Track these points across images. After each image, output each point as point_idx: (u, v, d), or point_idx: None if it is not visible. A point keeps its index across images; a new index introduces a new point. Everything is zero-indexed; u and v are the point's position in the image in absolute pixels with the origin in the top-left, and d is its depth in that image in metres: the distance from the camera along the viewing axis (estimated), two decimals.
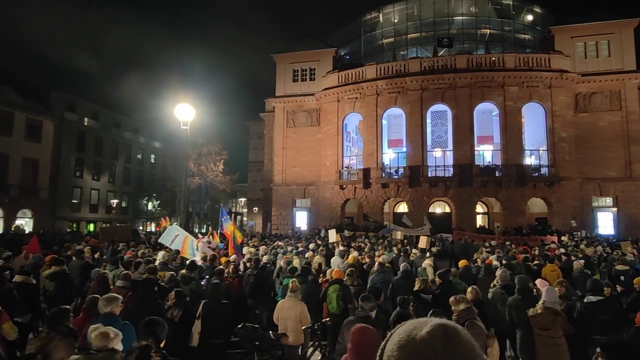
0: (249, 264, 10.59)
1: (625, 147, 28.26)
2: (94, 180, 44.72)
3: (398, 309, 5.67)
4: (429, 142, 30.48)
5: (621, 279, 9.77)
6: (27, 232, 26.42)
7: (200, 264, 9.90)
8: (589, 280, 7.29)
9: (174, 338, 5.58)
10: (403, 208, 31.22)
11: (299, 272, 8.92)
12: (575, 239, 21.89)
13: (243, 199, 67.75)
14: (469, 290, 6.86)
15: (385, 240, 19.91)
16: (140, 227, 44.07)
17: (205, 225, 58.96)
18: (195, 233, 24.14)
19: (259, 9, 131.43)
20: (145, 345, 3.25)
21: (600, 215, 28.90)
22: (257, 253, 12.75)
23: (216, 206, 63.30)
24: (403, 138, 30.72)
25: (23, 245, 14.04)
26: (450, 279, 7.94)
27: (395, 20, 39.05)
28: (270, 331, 6.88)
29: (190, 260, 9.97)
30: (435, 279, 8.13)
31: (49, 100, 39.24)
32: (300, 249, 14.28)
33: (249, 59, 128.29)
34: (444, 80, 29.48)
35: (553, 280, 8.25)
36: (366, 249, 14.96)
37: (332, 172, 31.92)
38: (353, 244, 18.12)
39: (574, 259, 12.89)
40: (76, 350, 3.89)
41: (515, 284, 7.10)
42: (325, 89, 32.86)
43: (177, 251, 11.71)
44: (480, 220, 30.81)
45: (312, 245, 16.00)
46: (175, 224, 14.72)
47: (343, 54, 40.57)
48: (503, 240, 20.97)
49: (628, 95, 28.65)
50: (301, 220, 34.52)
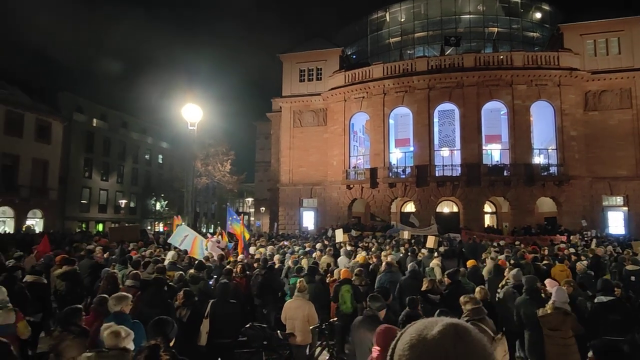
0: (257, 264, 10.61)
1: (636, 146, 27.93)
2: (103, 180, 45.13)
3: (407, 309, 5.64)
4: (436, 142, 30.35)
5: (632, 279, 9.66)
6: (38, 232, 26.72)
7: (207, 263, 9.96)
8: (600, 280, 7.21)
9: (183, 338, 5.60)
10: (410, 208, 31.12)
11: (306, 272, 8.92)
12: (585, 239, 21.67)
13: (250, 199, 67.92)
14: (477, 290, 6.82)
15: (393, 240, 19.87)
16: (149, 227, 44.37)
17: (213, 225, 59.23)
18: (204, 233, 24.26)
19: (266, 8, 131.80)
20: (154, 345, 3.27)
21: (611, 214, 28.60)
22: (267, 253, 12.80)
23: (223, 206, 63.58)
24: (410, 137, 30.61)
25: (34, 245, 14.22)
26: (459, 279, 7.90)
27: (402, 19, 38.91)
28: (278, 331, 6.90)
29: (198, 260, 10.03)
30: (444, 279, 8.10)
31: (57, 101, 39.68)
32: (307, 249, 14.30)
33: (255, 59, 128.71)
34: (452, 79, 29.32)
35: (562, 280, 8.17)
36: (373, 249, 14.93)
37: (339, 172, 31.90)
38: (360, 243, 18.10)
39: (584, 258, 12.77)
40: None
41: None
42: (332, 89, 32.85)
43: (185, 251, 11.78)
44: (488, 220, 30.62)
45: (319, 245, 16.01)
46: (184, 224, 14.80)
47: (350, 53, 40.52)
48: (512, 240, 20.82)
49: (639, 93, 28.30)
50: (308, 220, 34.55)
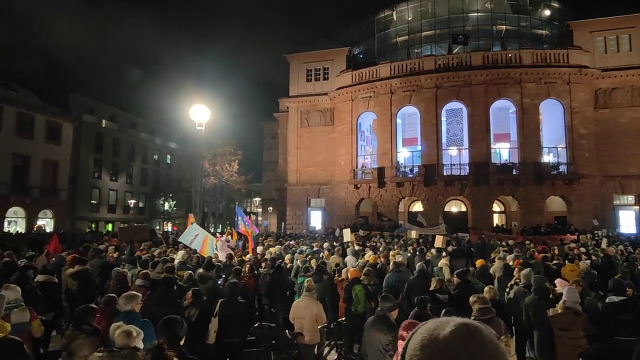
0: (264, 264, 10.64)
1: None
2: (112, 181, 45.54)
3: (416, 309, 5.62)
4: (444, 141, 30.20)
5: None
6: (48, 232, 27.03)
7: (217, 263, 10.00)
8: (611, 280, 7.12)
9: (192, 337, 5.64)
10: (418, 207, 31.01)
11: (314, 272, 8.92)
12: (596, 238, 21.44)
13: (258, 199, 68.13)
14: (486, 289, 6.77)
15: (401, 239, 19.82)
16: (157, 227, 44.69)
17: (221, 225, 59.49)
18: (213, 233, 24.40)
19: (272, 9, 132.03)
20: (157, 346, 3.31)
21: (622, 213, 28.24)
22: (277, 253, 12.82)
23: (231, 206, 63.88)
24: (418, 136, 30.49)
25: (44, 245, 14.39)
26: (469, 279, 7.86)
27: (409, 18, 38.76)
28: (287, 330, 6.91)
29: (206, 260, 10.08)
30: (452, 279, 8.06)
31: (67, 103, 40.12)
32: (315, 249, 14.31)
33: (262, 60, 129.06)
34: (459, 77, 29.15)
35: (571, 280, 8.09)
36: (381, 249, 14.91)
37: (347, 172, 31.87)
38: (368, 243, 18.08)
39: (595, 258, 12.64)
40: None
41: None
42: (339, 89, 32.82)
43: (194, 251, 11.84)
44: (497, 219, 30.41)
45: (327, 244, 16.01)
46: (195, 223, 14.86)
47: (356, 53, 40.45)
48: (521, 239, 20.64)
49: None
50: (316, 220, 34.57)
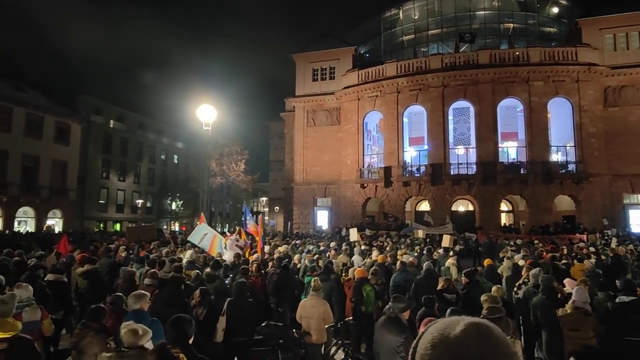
0: (271, 263, 10.66)
1: None
2: (120, 181, 45.88)
3: (423, 308, 5.60)
4: (451, 140, 30.06)
5: None
6: (57, 232, 27.29)
7: (226, 262, 10.04)
8: (622, 279, 7.06)
9: (199, 336, 5.66)
10: (425, 206, 30.89)
11: (321, 271, 8.92)
12: (606, 238, 21.23)
13: (264, 198, 68.24)
14: (494, 289, 6.74)
15: (407, 239, 19.78)
16: (165, 227, 44.96)
17: (228, 224, 59.71)
18: (222, 232, 24.50)
19: (278, 9, 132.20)
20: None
21: (632, 212, 27.94)
22: (286, 252, 12.86)
23: (238, 205, 64.04)
24: (424, 136, 30.37)
25: (54, 244, 14.54)
26: (477, 279, 7.82)
27: (416, 17, 38.61)
28: (294, 329, 6.92)
29: (214, 259, 10.13)
30: (460, 278, 8.02)
31: (76, 103, 40.42)
32: (322, 248, 14.32)
33: (268, 60, 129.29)
34: (466, 76, 29.00)
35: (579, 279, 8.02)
36: (388, 248, 14.88)
37: (353, 171, 31.84)
38: (374, 243, 18.05)
39: (605, 257, 12.54)
40: (111, 346, 4.01)
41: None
42: (345, 88, 32.79)
43: (202, 250, 11.90)
44: (505, 219, 30.22)
45: (334, 244, 16.01)
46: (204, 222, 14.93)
47: (363, 52, 40.36)
48: (529, 239, 20.50)
49: None
50: (322, 219, 34.59)
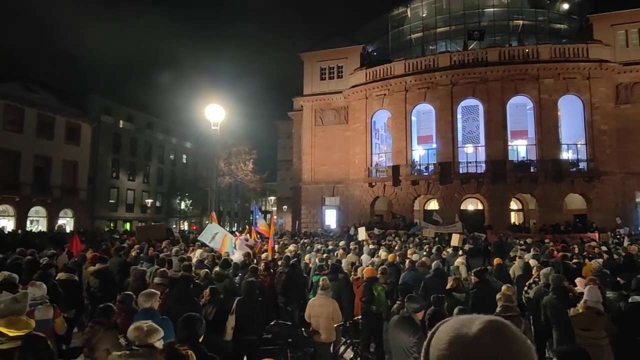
0: (280, 262, 10.68)
1: None
2: (130, 180, 46.32)
3: (432, 307, 5.58)
4: (459, 138, 29.86)
5: None
6: (69, 231, 27.63)
7: (236, 261, 10.09)
8: (635, 279, 6.96)
9: (209, 334, 5.69)
10: (434, 205, 30.74)
11: (329, 270, 8.92)
12: (618, 237, 20.96)
13: (273, 198, 68.42)
14: (504, 288, 6.68)
15: (416, 238, 19.70)
16: (174, 226, 45.32)
17: (236, 224, 59.97)
18: (231, 231, 24.65)
19: (285, 8, 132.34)
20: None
21: None
22: (297, 252, 12.89)
23: (246, 205, 64.34)
24: (433, 134, 30.20)
25: (65, 243, 14.72)
26: (487, 278, 7.77)
27: (424, 15, 38.40)
28: (303, 328, 6.93)
29: (223, 258, 10.17)
30: (470, 277, 7.97)
31: (86, 104, 40.90)
32: (330, 247, 14.32)
33: (276, 59, 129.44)
34: (475, 74, 28.77)
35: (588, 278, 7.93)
36: (396, 247, 14.84)
37: (361, 170, 31.77)
38: (383, 242, 18.01)
39: (617, 257, 12.39)
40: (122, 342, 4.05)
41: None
42: (353, 87, 32.72)
43: (211, 249, 11.97)
44: (514, 218, 29.97)
45: (343, 243, 16.01)
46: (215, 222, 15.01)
47: (370, 50, 40.25)
48: (539, 238, 20.31)
49: None
50: (330, 219, 34.58)
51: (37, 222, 34.09)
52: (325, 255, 11.62)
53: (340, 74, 34.69)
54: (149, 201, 47.92)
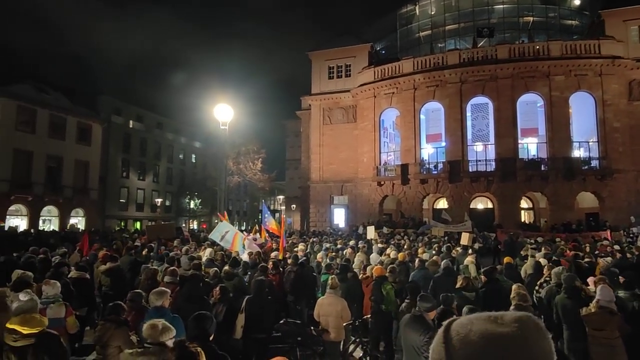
0: (290, 261, 10.71)
1: None
2: (140, 180, 46.74)
3: (441, 306, 5.55)
4: (469, 136, 29.64)
5: None
6: (80, 230, 27.96)
7: (245, 259, 10.14)
8: None
9: (219, 332, 5.73)
10: (443, 204, 30.56)
11: (338, 269, 8.92)
12: (631, 235, 20.66)
13: (281, 197, 68.59)
14: (514, 287, 6.63)
15: (425, 236, 19.61)
16: (183, 225, 45.64)
17: (245, 222, 60.19)
18: (240, 230, 24.78)
19: (293, 7, 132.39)
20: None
21: None
22: (307, 251, 12.90)
23: (255, 204, 64.56)
24: (442, 132, 30.02)
25: (77, 242, 14.91)
26: (497, 277, 7.70)
27: (432, 12, 38.15)
28: (312, 327, 6.94)
29: (232, 257, 10.22)
30: (480, 276, 7.92)
31: (96, 104, 41.33)
32: (339, 246, 14.31)
33: (284, 58, 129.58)
34: (485, 71, 28.53)
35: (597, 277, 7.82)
36: (405, 246, 14.79)
37: (370, 169, 31.70)
38: (392, 241, 17.96)
39: (630, 256, 12.24)
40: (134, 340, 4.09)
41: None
42: (361, 85, 32.63)
43: (220, 248, 12.03)
44: (525, 216, 29.69)
45: (353, 242, 15.99)
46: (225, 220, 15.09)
47: (379, 49, 40.11)
48: (551, 236, 20.09)
49: None
50: (339, 217, 34.57)
51: (50, 222, 34.53)
52: (333, 254, 11.60)
53: (349, 72, 34.63)
54: (159, 200, 48.31)
